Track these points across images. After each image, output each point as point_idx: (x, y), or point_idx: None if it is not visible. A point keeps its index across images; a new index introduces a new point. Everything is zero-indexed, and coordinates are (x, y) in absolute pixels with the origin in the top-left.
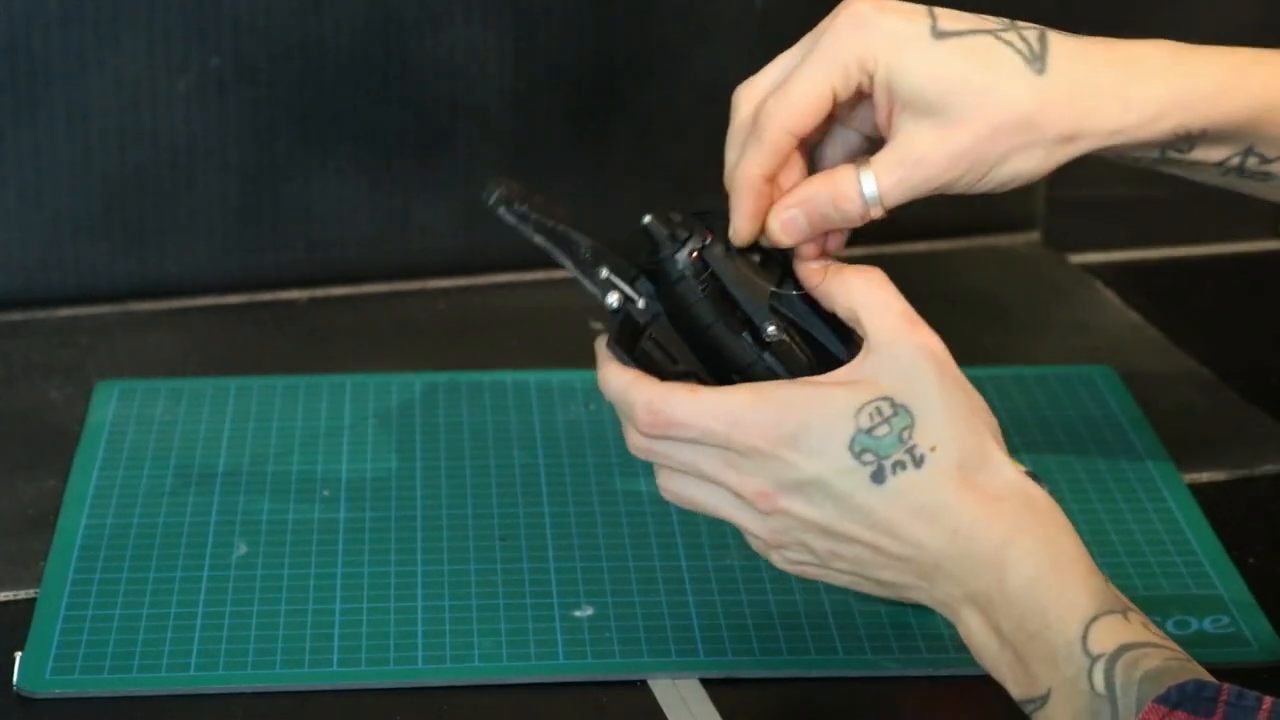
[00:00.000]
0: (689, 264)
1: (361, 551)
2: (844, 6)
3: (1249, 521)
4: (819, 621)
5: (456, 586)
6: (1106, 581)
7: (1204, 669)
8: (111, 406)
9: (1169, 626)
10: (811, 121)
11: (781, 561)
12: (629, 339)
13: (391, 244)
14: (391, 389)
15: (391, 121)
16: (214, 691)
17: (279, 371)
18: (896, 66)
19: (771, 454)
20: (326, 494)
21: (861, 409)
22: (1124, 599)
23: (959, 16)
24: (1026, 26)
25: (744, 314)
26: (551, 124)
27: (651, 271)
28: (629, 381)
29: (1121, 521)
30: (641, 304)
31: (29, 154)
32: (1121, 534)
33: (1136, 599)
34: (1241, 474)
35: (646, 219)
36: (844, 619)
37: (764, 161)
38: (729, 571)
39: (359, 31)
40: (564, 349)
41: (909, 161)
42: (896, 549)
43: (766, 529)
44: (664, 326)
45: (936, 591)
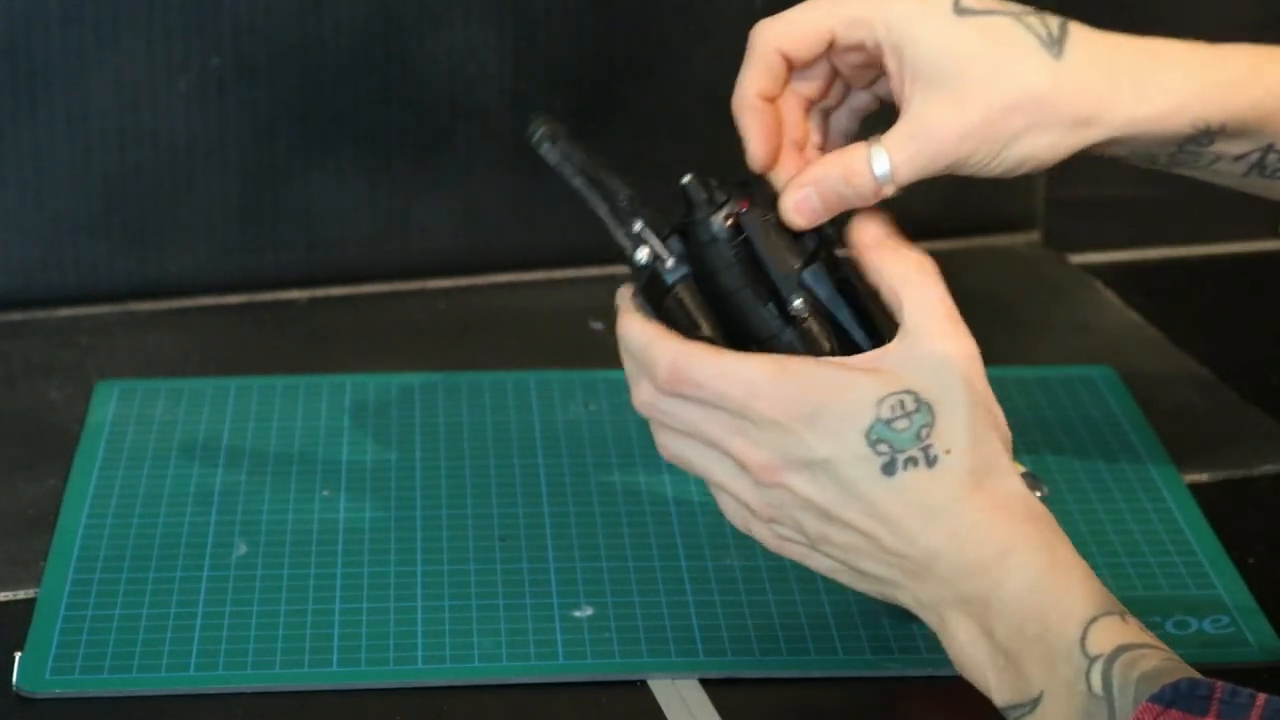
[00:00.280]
0: (724, 227)
1: (361, 551)
2: None
3: (1249, 522)
4: (819, 622)
5: (456, 586)
6: (1104, 587)
7: (1199, 674)
8: (111, 406)
9: (1169, 627)
10: (803, 47)
11: (766, 534)
12: (652, 296)
13: (391, 244)
14: (391, 389)
15: (391, 121)
16: (214, 691)
17: (279, 371)
18: (911, 36)
19: (786, 428)
20: (326, 494)
21: (884, 399)
22: (1119, 604)
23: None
24: (1049, 14)
25: (772, 285)
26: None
27: (683, 231)
28: (653, 335)
29: (1121, 521)
30: (670, 263)
31: (29, 154)
32: (1121, 534)
33: (1136, 599)
34: (1241, 474)
35: (686, 179)
36: (844, 619)
37: (755, 78)
38: (729, 572)
39: (359, 31)
40: (564, 349)
41: (920, 135)
42: (891, 543)
43: (761, 500)
44: (690, 288)
45: (922, 593)
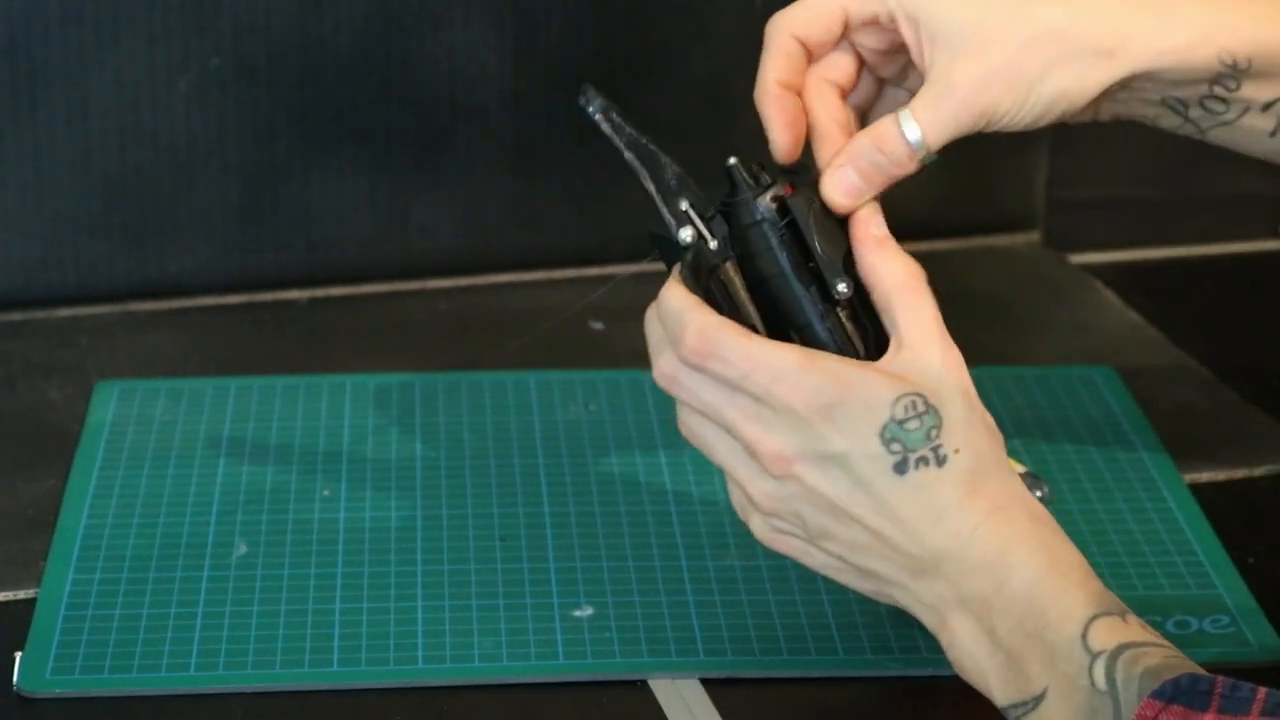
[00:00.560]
0: (769, 208)
1: (362, 551)
2: None
3: (1249, 521)
4: (819, 621)
5: (456, 586)
6: (1104, 586)
7: (1203, 669)
8: (111, 406)
9: (1169, 627)
10: (817, 30)
11: (762, 527)
12: (696, 275)
13: (391, 244)
14: (391, 389)
15: (391, 121)
16: (214, 691)
17: (279, 371)
18: (922, 2)
19: (804, 419)
20: (326, 494)
21: (899, 399)
22: (1121, 604)
23: None
24: None
25: (815, 269)
26: (551, 124)
27: (727, 213)
28: (692, 303)
29: (1121, 521)
30: (714, 244)
31: (29, 154)
32: (1121, 534)
33: (1136, 599)
34: (1241, 474)
35: (732, 160)
36: (844, 619)
37: (773, 66)
38: (729, 571)
39: (359, 31)
40: (564, 349)
41: (944, 92)
42: (899, 541)
43: (766, 492)
44: (734, 268)
45: (925, 593)
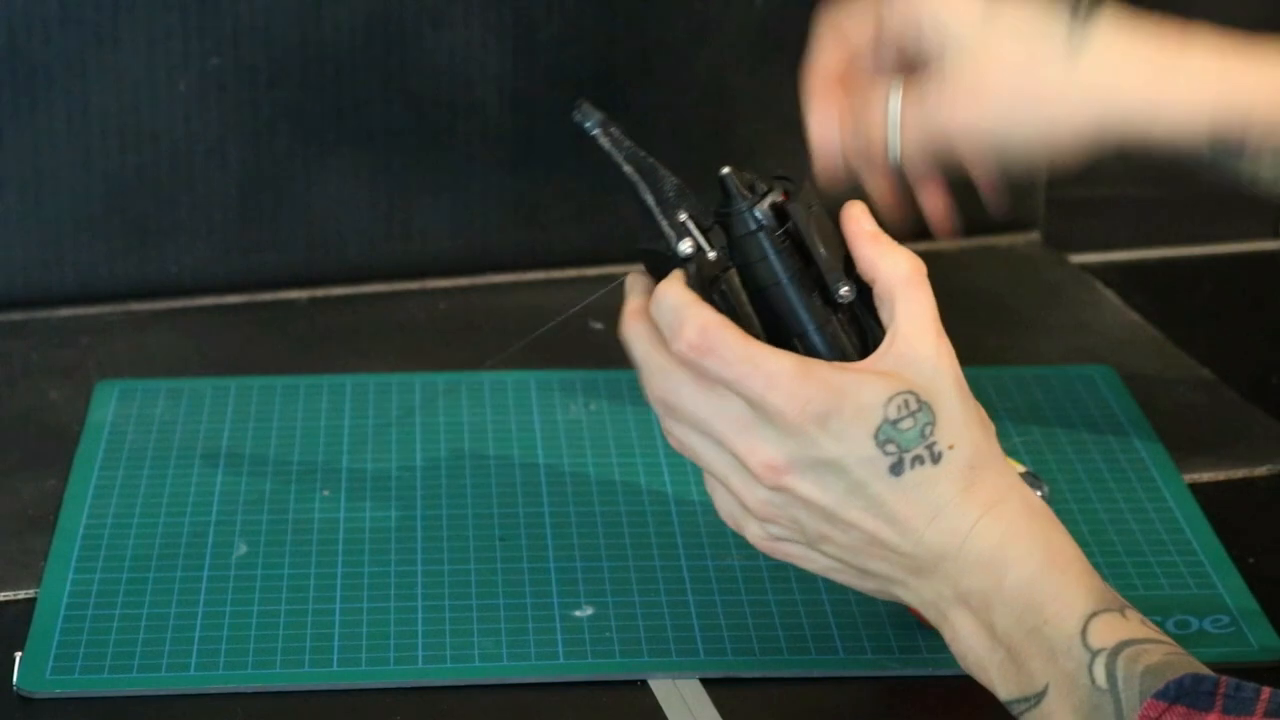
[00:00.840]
0: (768, 215)
1: (361, 551)
2: None
3: (1249, 521)
4: (819, 621)
5: (456, 586)
6: (1104, 581)
7: (1204, 665)
8: (111, 406)
9: (1169, 626)
10: (857, 36)
11: (758, 533)
12: (697, 287)
13: (391, 244)
14: (391, 389)
15: (391, 121)
16: (214, 691)
17: (279, 371)
18: (941, 20)
19: (796, 427)
20: (326, 494)
21: (891, 399)
22: (1121, 599)
23: None
24: (1073, 9)
25: (817, 274)
26: (551, 124)
27: (724, 224)
28: (691, 299)
29: (1121, 521)
30: (713, 255)
31: (29, 154)
32: (1121, 534)
33: (1136, 599)
34: (1241, 474)
35: (725, 170)
36: (844, 619)
37: (820, 54)
38: (729, 571)
39: (359, 31)
40: (564, 349)
41: (927, 96)
42: (897, 541)
43: (758, 500)
44: (735, 277)
45: (926, 590)
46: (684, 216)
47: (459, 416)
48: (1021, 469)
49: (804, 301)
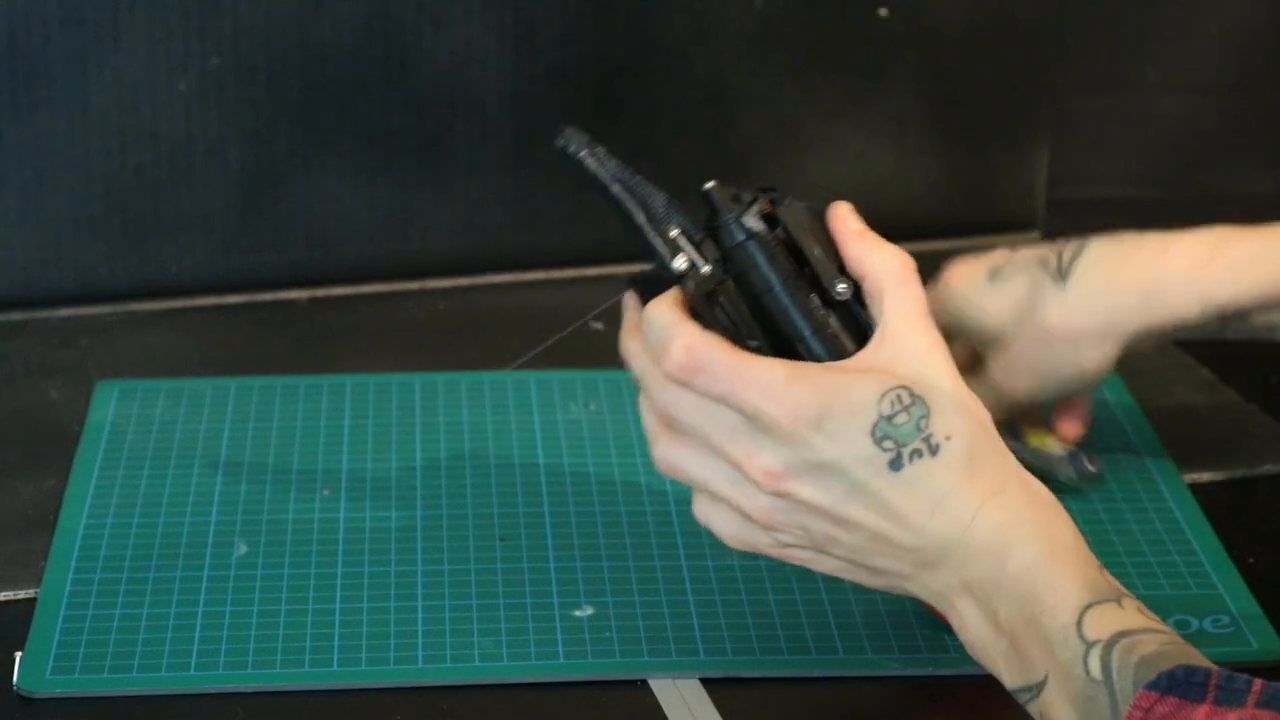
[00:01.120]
0: (757, 222)
1: (361, 551)
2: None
3: (1249, 521)
4: (819, 621)
5: (456, 586)
6: (1102, 569)
7: (1200, 653)
8: (111, 406)
9: (1169, 626)
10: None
11: (768, 542)
12: (691, 302)
13: (391, 244)
14: (391, 389)
15: (391, 121)
16: (214, 691)
17: (279, 371)
18: (964, 314)
19: (793, 433)
20: (327, 494)
21: (884, 395)
22: (1119, 586)
23: (1009, 255)
24: (1070, 242)
25: (811, 276)
26: (551, 124)
27: (714, 236)
28: (677, 318)
29: (1121, 521)
30: (707, 269)
31: (29, 154)
32: (1121, 534)
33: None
34: (1241, 474)
35: (709, 185)
36: (844, 619)
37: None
38: (729, 571)
39: (359, 31)
40: (564, 349)
41: (984, 377)
42: (901, 537)
43: (761, 508)
44: (732, 289)
45: (933, 582)
46: (675, 232)
47: (459, 416)
48: (1064, 449)
49: (800, 306)
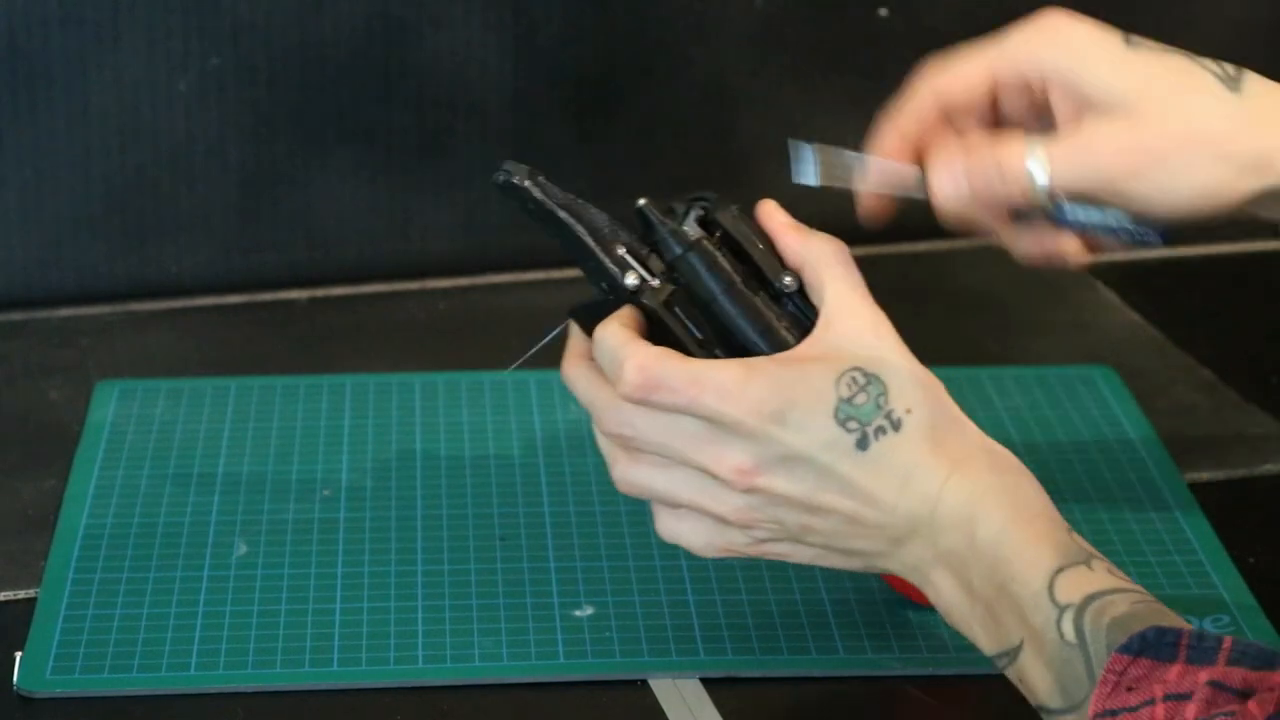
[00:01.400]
0: (696, 230)
1: (361, 551)
2: (1040, 14)
3: (1249, 521)
4: (819, 621)
5: (456, 586)
6: (1070, 531)
7: (1171, 611)
8: (111, 406)
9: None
10: (960, 90)
11: (744, 541)
12: (646, 318)
13: (391, 244)
14: (391, 389)
15: (391, 121)
16: (214, 691)
17: (279, 371)
18: (1082, 67)
19: (758, 430)
20: (327, 494)
21: (840, 378)
22: (1088, 547)
23: (1152, 42)
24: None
25: (757, 275)
26: (551, 124)
27: (656, 250)
28: (627, 338)
29: (1122, 521)
30: (656, 283)
31: (29, 154)
32: (1122, 533)
33: None
34: (1242, 474)
35: (641, 201)
36: (845, 618)
37: (901, 116)
38: (729, 571)
39: (359, 31)
40: (564, 349)
41: (1081, 145)
42: (874, 516)
43: (735, 508)
44: (685, 298)
45: (908, 557)
46: (622, 250)
47: (459, 416)
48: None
49: (744, 308)
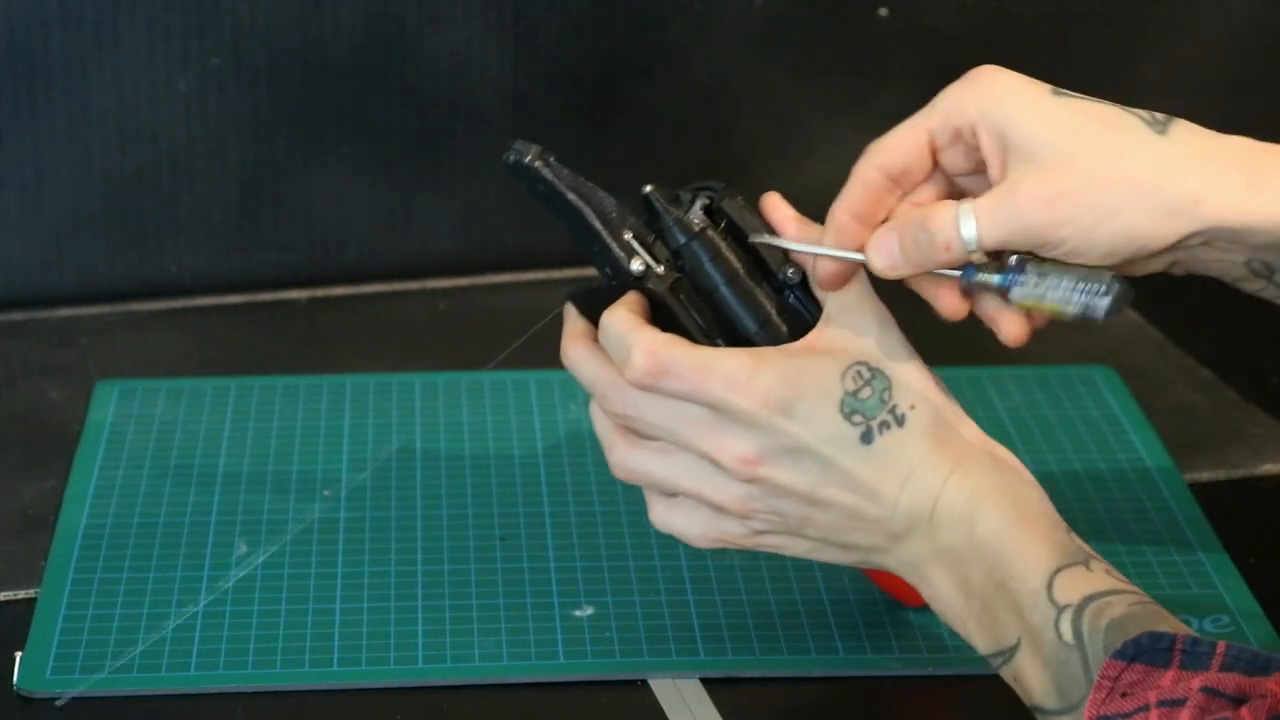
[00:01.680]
0: (702, 220)
1: (361, 551)
2: (973, 70)
3: (1249, 521)
4: (819, 621)
5: (457, 586)
6: (1069, 532)
7: (1169, 613)
8: (111, 406)
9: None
10: (900, 156)
11: (741, 531)
12: (662, 299)
13: (391, 244)
14: (391, 389)
15: (391, 121)
16: (214, 691)
17: (279, 371)
18: (1008, 116)
19: (764, 420)
20: (327, 494)
21: (845, 372)
22: (1086, 548)
23: (1081, 95)
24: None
25: (759, 265)
26: (551, 124)
27: (662, 237)
28: (635, 324)
29: (1122, 521)
30: (660, 270)
31: (29, 154)
32: (1122, 534)
33: None
34: (1242, 474)
35: (647, 189)
36: (844, 618)
37: (850, 196)
38: (729, 571)
39: (359, 31)
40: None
41: (1007, 196)
42: (874, 511)
43: (736, 497)
44: (689, 286)
45: (905, 553)
46: (628, 236)
47: (459, 416)
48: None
49: (745, 300)
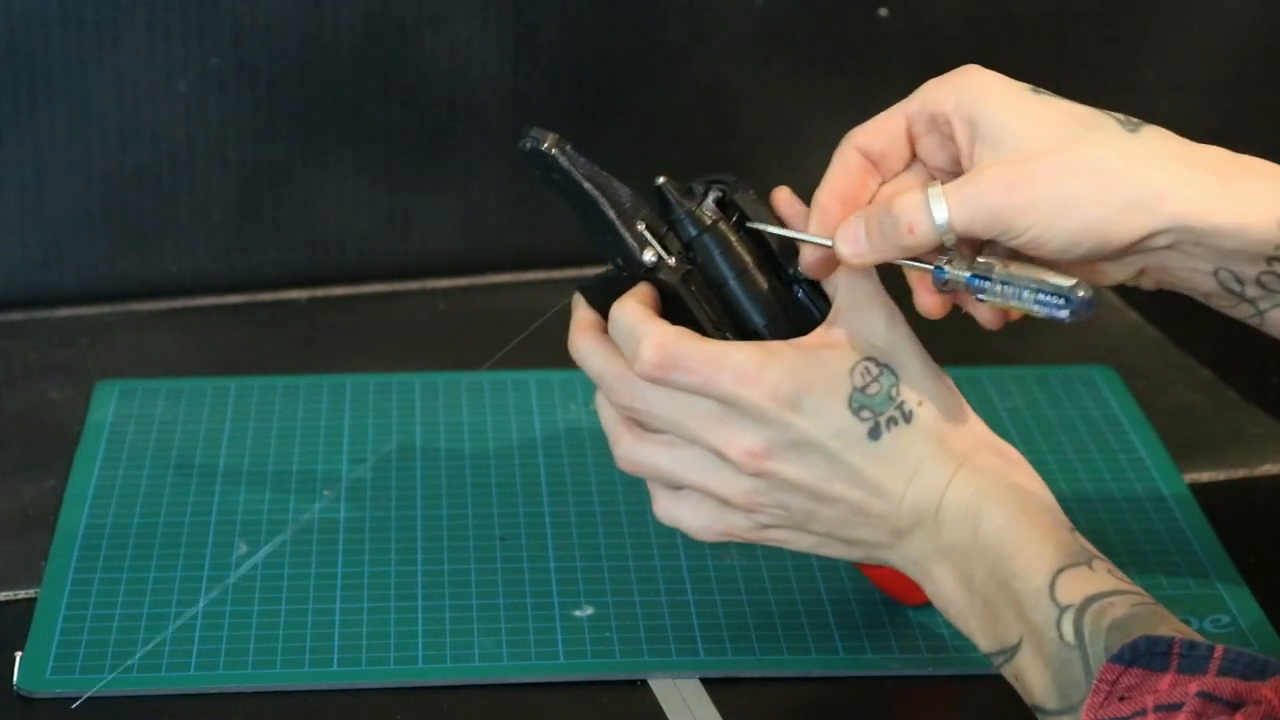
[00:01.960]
0: (715, 212)
1: (361, 551)
2: (958, 68)
3: (1249, 521)
4: (819, 621)
5: (456, 586)
6: (1073, 531)
7: (1170, 614)
8: (111, 406)
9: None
10: (879, 141)
11: (746, 525)
12: (673, 290)
13: (391, 244)
14: (391, 389)
15: (391, 121)
16: (214, 691)
17: (279, 371)
18: (983, 104)
19: (773, 414)
20: (327, 494)
21: (854, 368)
22: (1090, 547)
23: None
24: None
25: (770, 260)
26: (551, 124)
27: (674, 229)
28: (645, 316)
29: (1122, 521)
30: (673, 261)
31: (29, 154)
32: (1122, 534)
33: None
34: (1242, 474)
35: (660, 180)
36: (845, 618)
37: (831, 178)
38: (729, 571)
39: (359, 31)
40: (564, 349)
41: (972, 181)
42: (880, 507)
43: (743, 491)
44: (700, 279)
45: (909, 549)
46: (641, 226)
47: (459, 416)
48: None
49: (755, 295)
